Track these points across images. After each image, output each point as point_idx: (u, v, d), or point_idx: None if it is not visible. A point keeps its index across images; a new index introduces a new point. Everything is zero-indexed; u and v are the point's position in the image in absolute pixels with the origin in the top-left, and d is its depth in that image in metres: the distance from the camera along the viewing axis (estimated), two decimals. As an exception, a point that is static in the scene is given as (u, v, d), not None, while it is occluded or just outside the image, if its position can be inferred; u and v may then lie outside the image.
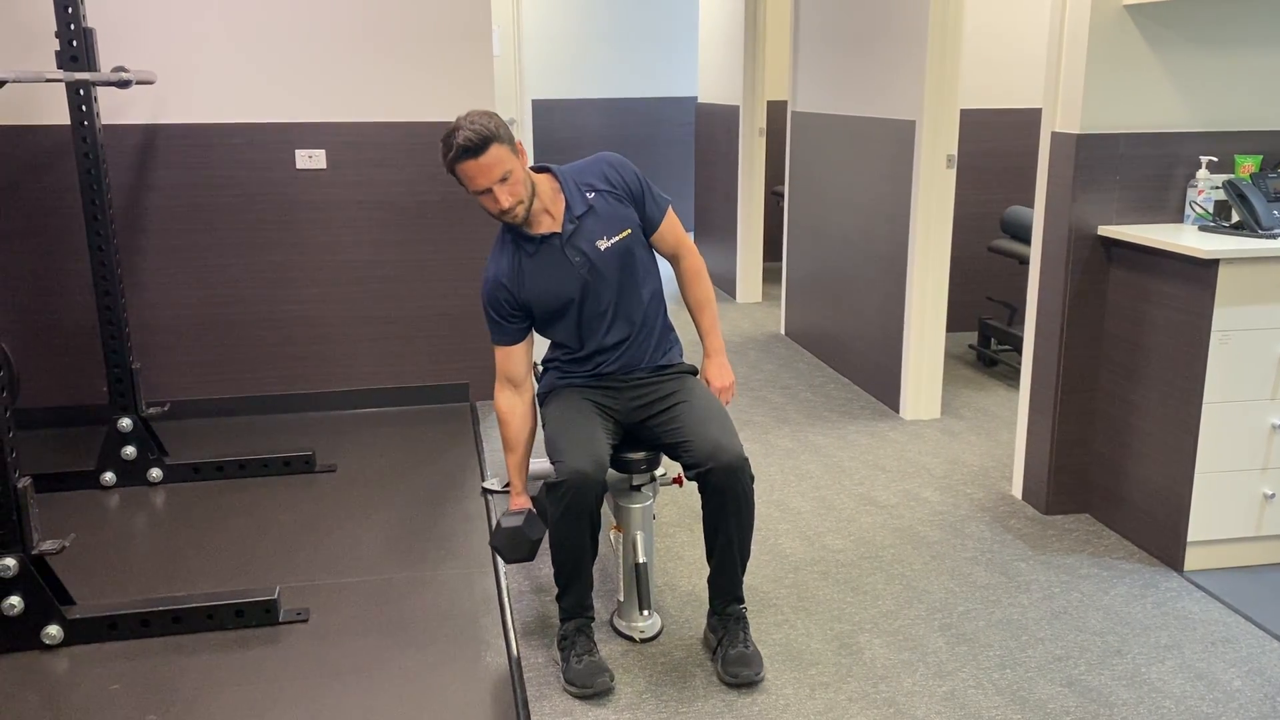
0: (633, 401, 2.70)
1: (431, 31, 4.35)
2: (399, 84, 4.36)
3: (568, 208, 2.62)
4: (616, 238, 2.64)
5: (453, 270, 4.56)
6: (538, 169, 2.66)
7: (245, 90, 4.26)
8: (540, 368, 2.87)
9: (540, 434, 3.64)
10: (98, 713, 2.45)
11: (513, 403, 2.69)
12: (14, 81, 2.81)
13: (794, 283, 5.78)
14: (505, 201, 2.49)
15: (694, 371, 2.81)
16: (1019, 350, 5.01)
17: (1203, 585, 3.01)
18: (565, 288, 2.62)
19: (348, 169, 4.39)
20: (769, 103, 7.23)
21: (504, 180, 2.48)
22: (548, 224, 2.62)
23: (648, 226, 2.72)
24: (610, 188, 2.67)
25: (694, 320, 2.85)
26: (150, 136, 4.24)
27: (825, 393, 4.86)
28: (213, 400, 4.48)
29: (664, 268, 2.90)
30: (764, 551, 3.25)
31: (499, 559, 2.62)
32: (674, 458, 2.60)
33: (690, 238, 2.81)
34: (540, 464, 2.88)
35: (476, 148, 2.43)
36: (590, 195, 2.65)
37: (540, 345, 3.72)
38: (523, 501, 2.71)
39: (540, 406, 2.80)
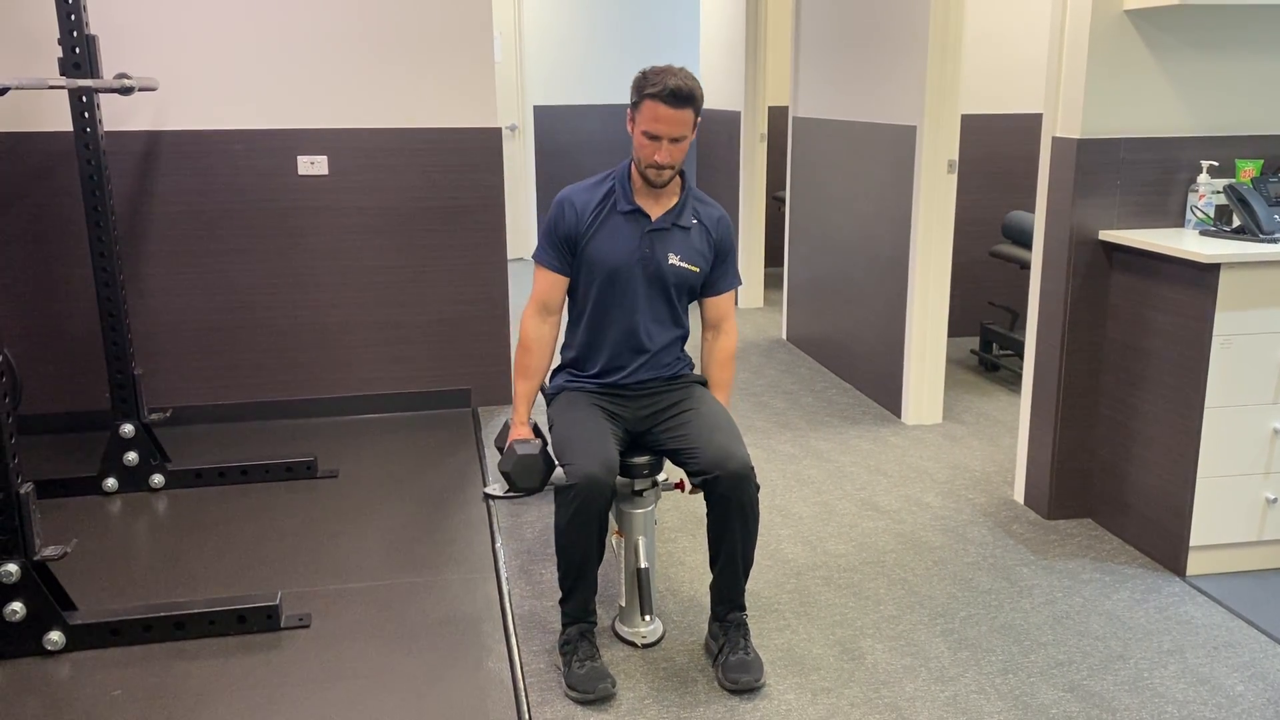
0: (641, 409, 2.70)
1: (433, 38, 4.36)
2: (401, 90, 4.37)
3: (675, 210, 2.68)
4: (685, 264, 2.69)
5: (454, 276, 4.57)
6: None
7: (247, 97, 4.27)
8: (552, 374, 2.87)
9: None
10: (100, 719, 2.45)
11: (541, 330, 2.72)
12: (17, 88, 2.82)
13: (796, 288, 5.78)
14: (664, 158, 2.53)
15: (703, 382, 2.82)
16: (1021, 355, 5.01)
17: (1205, 590, 3.00)
18: (617, 260, 2.64)
19: (350, 175, 4.40)
20: (770, 108, 7.25)
21: (676, 141, 2.52)
22: (649, 205, 2.66)
23: (710, 286, 2.77)
24: (711, 230, 2.73)
25: None
26: (152, 143, 4.24)
27: (827, 398, 4.85)
28: (215, 406, 4.49)
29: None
30: (766, 556, 3.25)
31: (506, 483, 2.56)
32: (680, 464, 2.60)
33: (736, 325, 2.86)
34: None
35: (684, 97, 2.48)
36: (694, 220, 2.70)
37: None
38: (526, 431, 2.69)
39: (547, 406, 2.80)
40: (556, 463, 2.54)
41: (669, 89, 2.47)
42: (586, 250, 2.66)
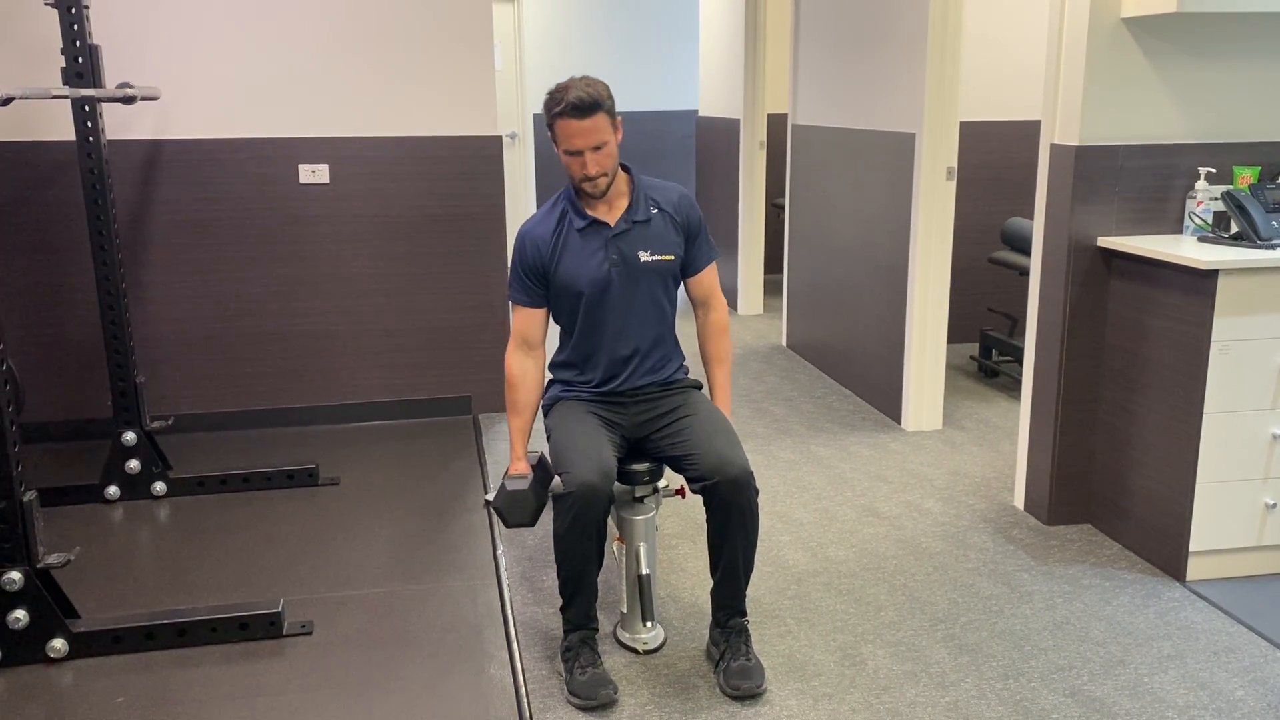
0: (638, 416, 2.71)
1: (434, 47, 4.37)
2: (401, 99, 4.39)
3: (630, 208, 2.67)
4: (659, 257, 2.68)
5: (456, 284, 4.58)
6: (619, 165, 2.69)
7: (249, 106, 4.28)
8: (548, 375, 2.87)
9: (545, 445, 3.64)
10: (103, 726, 2.46)
11: (525, 366, 2.71)
12: (20, 98, 2.84)
13: (795, 295, 5.80)
14: (592, 169, 2.54)
15: (699, 386, 2.82)
16: (1020, 361, 5.02)
17: (1205, 595, 3.01)
18: (590, 277, 2.64)
19: (351, 183, 4.42)
20: (769, 115, 7.26)
21: (598, 149, 2.52)
22: (603, 213, 2.66)
23: (689, 266, 2.77)
24: (674, 214, 2.72)
25: (707, 373, 2.86)
26: (154, 152, 4.26)
27: (827, 404, 4.86)
28: (217, 414, 4.50)
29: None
30: (766, 563, 3.25)
31: (499, 521, 2.58)
32: (679, 471, 2.60)
33: (723, 295, 2.85)
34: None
35: (586, 107, 2.48)
36: (654, 210, 2.70)
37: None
38: (523, 467, 2.70)
39: (544, 417, 2.81)
40: (552, 495, 2.54)
41: (570, 104, 2.47)
42: (557, 276, 2.66)
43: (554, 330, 2.82)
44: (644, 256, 2.66)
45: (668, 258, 2.69)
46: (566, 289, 2.67)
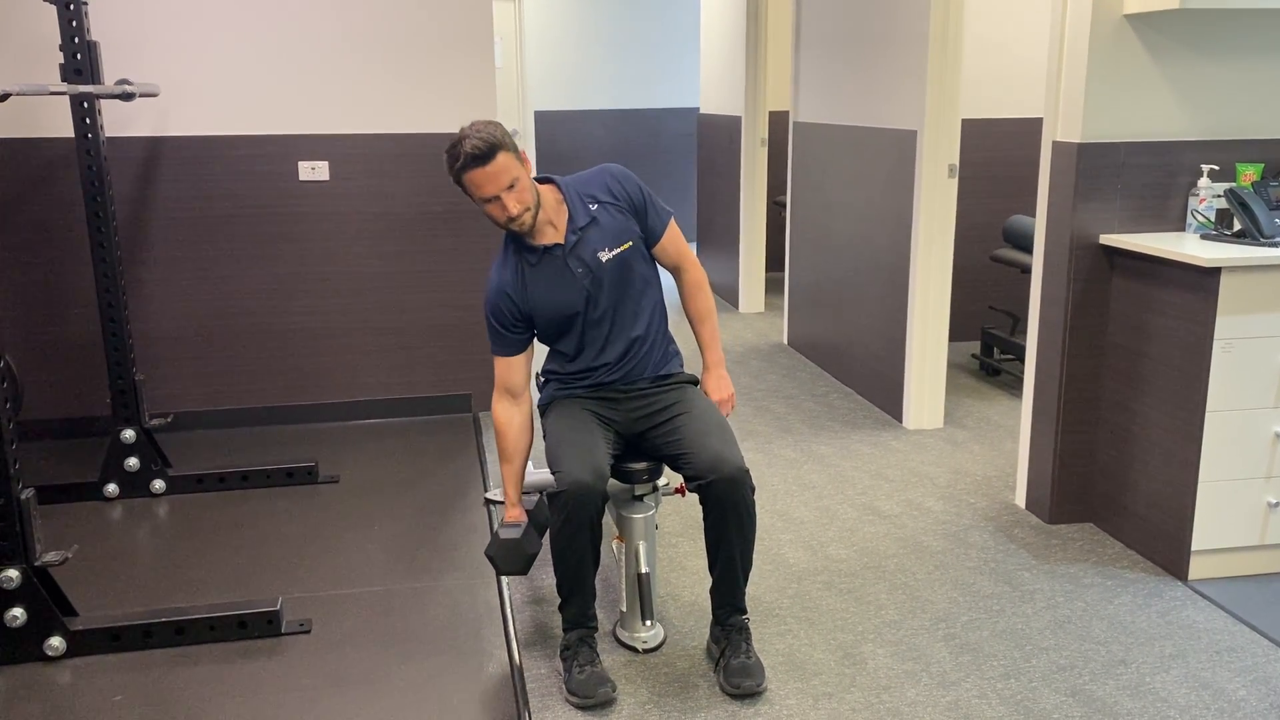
0: (633, 412, 2.70)
1: (434, 44, 4.36)
2: (401, 96, 4.38)
3: (570, 218, 2.63)
4: (618, 249, 2.65)
5: (455, 281, 4.57)
6: (541, 180, 2.67)
7: (248, 103, 4.27)
8: (540, 379, 2.87)
9: (541, 445, 3.63)
10: (100, 724, 2.45)
11: (511, 414, 2.69)
12: (18, 94, 2.83)
13: (796, 293, 5.79)
14: (513, 208, 2.50)
15: (694, 382, 2.81)
16: (1022, 359, 5.01)
17: (1207, 594, 3.00)
18: (568, 299, 2.63)
19: (350, 180, 4.41)
20: (770, 113, 7.25)
21: (511, 188, 2.48)
22: (551, 235, 2.63)
23: (649, 238, 2.73)
24: (613, 199, 2.67)
25: (694, 332, 2.85)
26: (154, 149, 4.25)
27: (828, 402, 4.85)
28: (216, 411, 4.49)
29: (665, 279, 2.90)
30: (767, 561, 3.24)
31: (493, 570, 2.62)
32: (675, 469, 2.60)
33: (692, 250, 2.82)
34: (540, 474, 2.87)
35: (485, 155, 2.44)
36: (593, 207, 2.65)
37: (538, 356, 3.71)
38: (517, 513, 2.70)
39: (541, 418, 2.80)
40: (545, 494, 2.54)
41: (468, 156, 2.43)
42: (538, 312, 2.64)
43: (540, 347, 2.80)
44: (604, 255, 2.63)
45: (626, 245, 2.66)
46: (553, 318, 2.65)
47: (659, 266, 2.79)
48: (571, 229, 2.62)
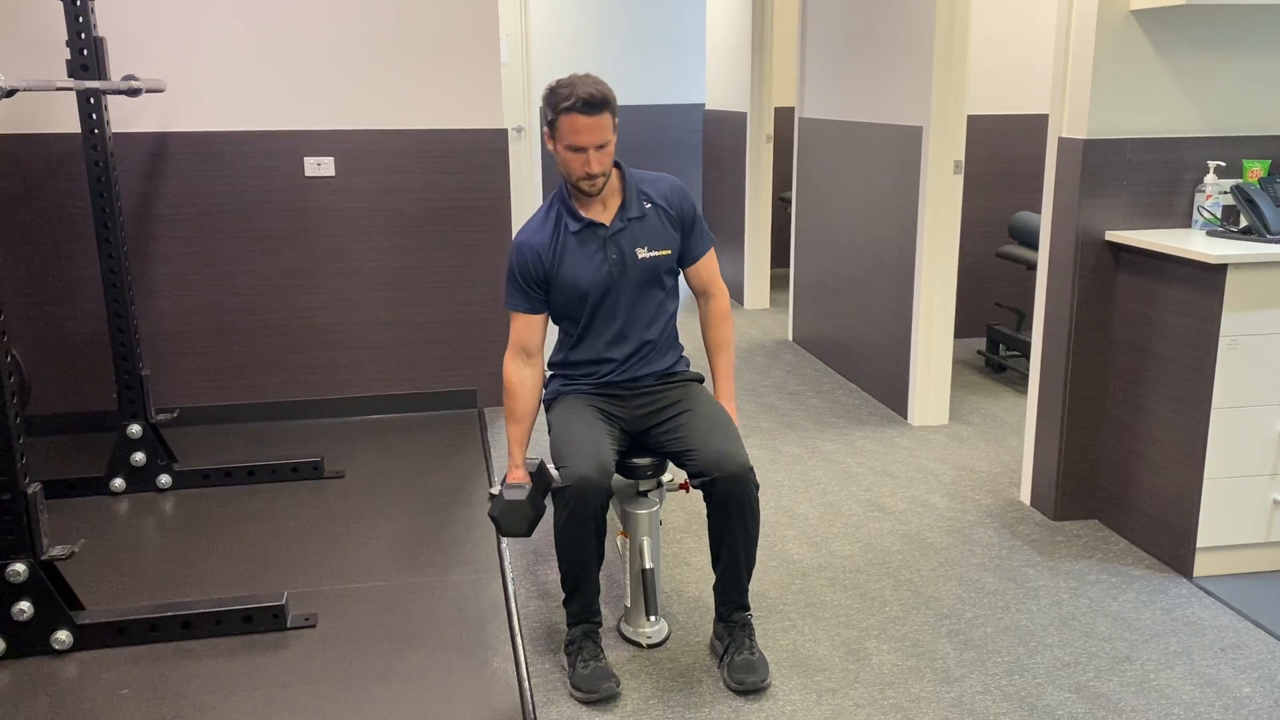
0: (638, 409, 2.70)
1: (440, 40, 4.36)
2: (407, 92, 4.38)
3: (623, 206, 2.66)
4: (656, 253, 2.67)
5: (460, 277, 4.58)
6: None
7: (254, 98, 4.28)
8: (547, 371, 2.87)
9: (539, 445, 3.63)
10: (107, 718, 2.46)
11: (524, 374, 2.69)
12: (25, 90, 2.83)
13: (802, 289, 5.78)
14: (594, 167, 2.52)
15: (700, 379, 2.82)
16: (1027, 356, 5.00)
17: (1212, 591, 2.99)
18: (592, 278, 2.64)
19: (356, 176, 4.41)
20: (776, 109, 7.24)
21: (601, 147, 2.51)
22: (598, 212, 2.65)
23: (686, 257, 2.76)
24: (666, 207, 2.71)
25: (710, 361, 2.85)
26: (160, 144, 4.26)
27: (833, 399, 4.85)
28: (222, 406, 4.50)
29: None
30: (771, 557, 3.25)
31: (496, 531, 2.58)
32: (679, 466, 2.60)
33: (723, 282, 2.84)
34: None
35: (597, 104, 2.47)
36: (647, 205, 2.69)
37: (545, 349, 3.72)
38: (521, 475, 2.68)
39: (545, 412, 2.80)
40: (550, 490, 2.53)
41: (581, 99, 2.45)
42: (558, 281, 2.65)
43: (552, 328, 2.81)
44: (641, 253, 2.65)
45: (665, 252, 2.68)
46: (569, 292, 2.66)
47: (679, 284, 2.80)
48: (621, 216, 2.65)
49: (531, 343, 2.69)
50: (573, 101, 2.46)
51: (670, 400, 2.70)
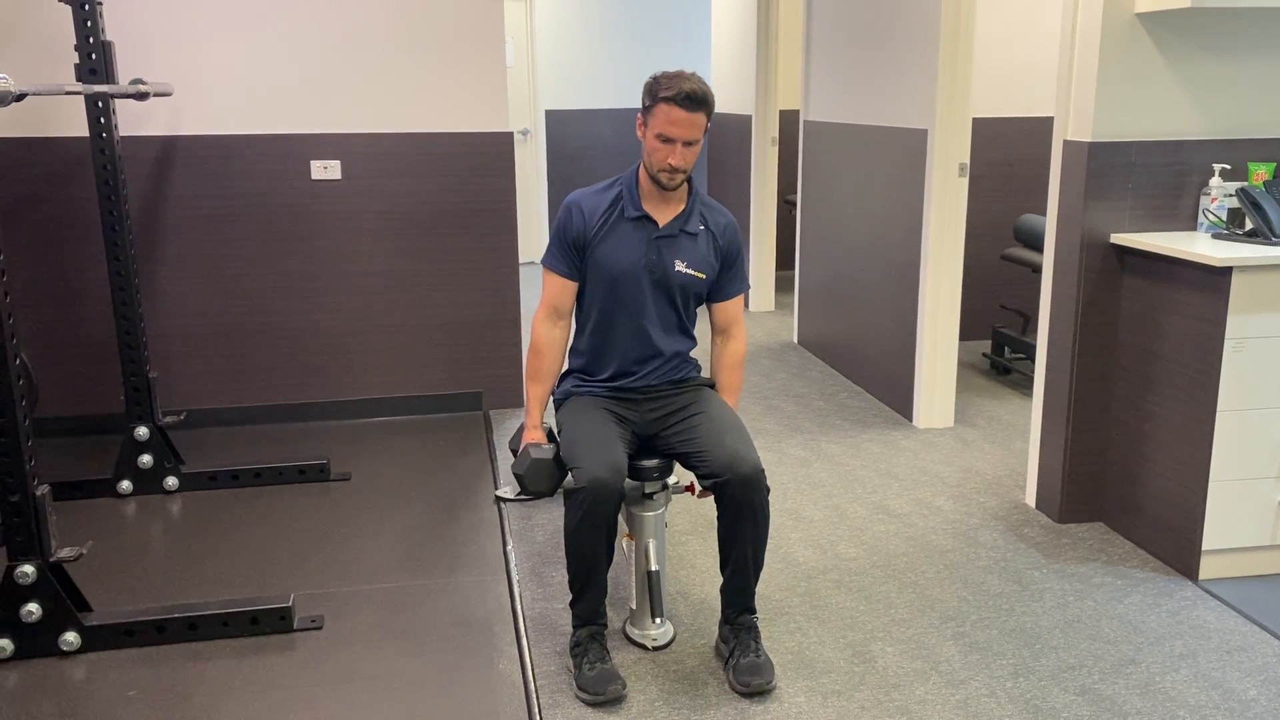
0: (650, 413, 2.71)
1: (445, 43, 4.38)
2: (413, 95, 4.39)
3: (681, 216, 2.69)
4: (693, 272, 2.70)
5: (467, 279, 4.59)
6: None
7: (261, 102, 4.29)
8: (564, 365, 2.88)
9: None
10: (114, 719, 2.47)
11: (553, 335, 2.72)
12: (34, 94, 2.84)
13: (807, 291, 5.78)
14: (679, 162, 2.55)
15: (711, 385, 2.82)
16: (1032, 358, 5.00)
17: (1217, 594, 2.99)
18: (624, 266, 2.65)
19: (363, 179, 4.43)
20: (781, 112, 7.24)
21: (690, 145, 2.54)
22: (658, 211, 2.67)
23: (718, 291, 2.78)
24: (718, 236, 2.74)
25: None
26: (168, 148, 4.28)
27: (838, 401, 4.85)
28: (229, 409, 4.51)
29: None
30: (777, 560, 3.25)
31: (519, 485, 2.58)
32: (690, 468, 2.60)
33: (745, 328, 2.87)
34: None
35: (699, 101, 2.51)
36: (701, 226, 2.72)
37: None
38: (539, 435, 2.69)
39: (555, 411, 2.81)
40: (563, 491, 2.54)
41: (684, 93, 2.49)
42: (594, 255, 2.67)
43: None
44: (679, 266, 2.68)
45: (700, 275, 2.71)
46: (599, 270, 2.67)
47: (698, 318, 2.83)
48: (675, 224, 2.67)
49: (564, 305, 2.73)
50: (674, 93, 2.49)
51: (682, 404, 2.71)
